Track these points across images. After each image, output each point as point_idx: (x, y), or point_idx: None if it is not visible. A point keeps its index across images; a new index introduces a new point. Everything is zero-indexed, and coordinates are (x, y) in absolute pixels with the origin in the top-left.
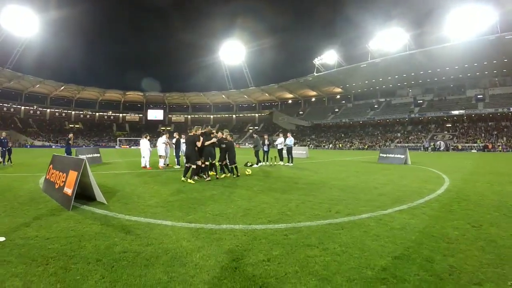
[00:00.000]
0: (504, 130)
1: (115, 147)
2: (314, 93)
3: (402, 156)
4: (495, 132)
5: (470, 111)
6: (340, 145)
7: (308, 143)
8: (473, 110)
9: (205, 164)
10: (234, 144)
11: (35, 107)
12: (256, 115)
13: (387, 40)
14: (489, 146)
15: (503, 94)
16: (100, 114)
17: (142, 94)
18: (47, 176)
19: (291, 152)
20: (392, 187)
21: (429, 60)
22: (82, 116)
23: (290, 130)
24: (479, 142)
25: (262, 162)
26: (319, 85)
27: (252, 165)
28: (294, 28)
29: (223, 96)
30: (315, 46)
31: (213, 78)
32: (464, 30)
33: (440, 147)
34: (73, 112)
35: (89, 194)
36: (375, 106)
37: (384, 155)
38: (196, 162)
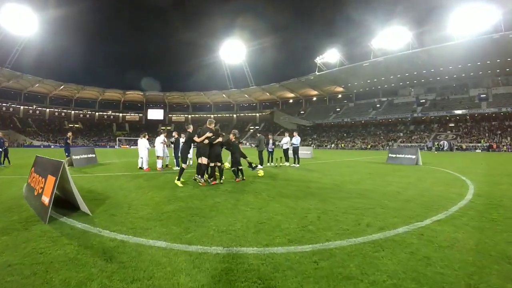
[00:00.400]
0: (508, 129)
1: (114, 147)
2: (315, 92)
3: (413, 156)
4: (499, 132)
5: (474, 110)
6: (342, 145)
7: (310, 142)
8: (476, 110)
9: (212, 165)
10: (238, 144)
11: (34, 107)
12: (257, 114)
13: (390, 39)
14: (493, 146)
15: (506, 94)
16: (100, 113)
17: (142, 94)
18: (29, 180)
19: (298, 152)
20: (415, 192)
21: (432, 59)
22: (81, 115)
23: (291, 130)
24: (483, 142)
25: (267, 163)
26: (321, 84)
27: (256, 166)
28: (296, 26)
29: (224, 95)
30: (316, 45)
31: (213, 78)
32: (467, 28)
33: (444, 147)
34: (72, 112)
35: (73, 202)
36: (377, 106)
37: (394, 155)
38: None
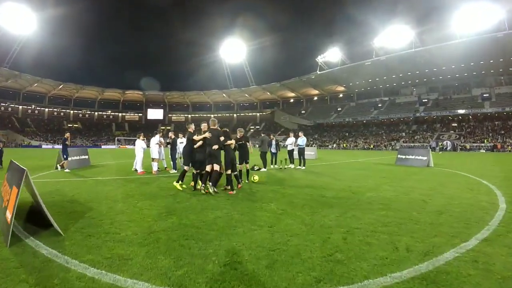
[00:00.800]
0: (511, 129)
1: (113, 146)
2: (316, 92)
3: (425, 157)
4: (502, 132)
5: (477, 110)
6: (344, 144)
7: (311, 142)
8: (479, 109)
9: (228, 173)
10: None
11: (33, 107)
12: (258, 114)
13: (392, 38)
14: (498, 146)
15: (509, 93)
16: (99, 113)
17: (142, 93)
18: (1, 189)
19: (304, 153)
20: (442, 200)
21: (434, 58)
22: (81, 115)
23: (293, 130)
24: (487, 142)
25: (270, 165)
26: (322, 83)
27: (260, 169)
28: (297, 25)
29: (224, 95)
30: (318, 43)
31: (213, 77)
32: (470, 27)
33: (447, 147)
34: (71, 112)
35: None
36: (379, 105)
37: (403, 156)
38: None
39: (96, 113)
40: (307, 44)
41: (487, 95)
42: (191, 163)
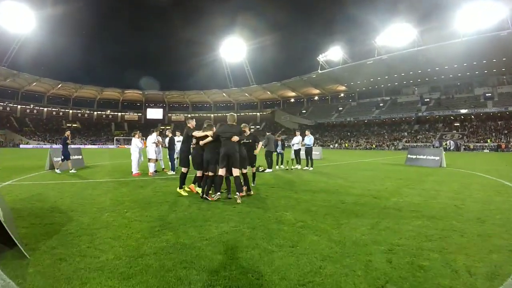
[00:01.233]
0: None
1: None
2: (317, 91)
3: (437, 157)
4: (506, 131)
5: (479, 109)
6: (346, 144)
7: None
8: (482, 109)
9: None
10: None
11: (31, 106)
12: (258, 114)
13: (395, 36)
14: (502, 146)
15: None
16: (98, 113)
17: (141, 93)
18: None
19: (311, 153)
20: (476, 206)
21: (436, 57)
22: (79, 115)
23: (299, 128)
24: (490, 141)
25: (275, 166)
26: (323, 83)
27: (264, 170)
28: (298, 23)
29: (224, 94)
30: (319, 42)
31: (213, 76)
32: (473, 26)
33: (450, 147)
34: (70, 111)
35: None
36: (381, 105)
37: (414, 156)
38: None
39: (95, 112)
40: (308, 43)
41: (490, 94)
42: (196, 165)
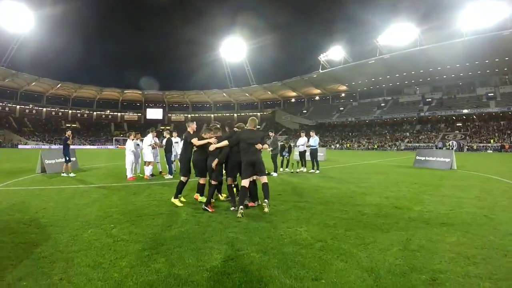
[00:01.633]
0: None
1: (112, 147)
2: (318, 91)
3: (447, 159)
4: (509, 131)
5: (482, 109)
6: (348, 145)
7: None
8: (485, 109)
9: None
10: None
11: (30, 106)
12: (258, 114)
13: (397, 36)
14: (505, 146)
15: None
16: (98, 113)
17: (141, 93)
18: None
19: (316, 155)
20: (506, 215)
21: (438, 57)
22: (79, 115)
23: (304, 129)
24: (493, 141)
25: (280, 169)
26: (324, 82)
27: (270, 173)
28: (298, 23)
29: (224, 94)
30: (320, 42)
31: (213, 76)
32: (476, 25)
33: (453, 147)
34: (70, 111)
35: None
36: (382, 105)
37: (423, 158)
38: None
39: (94, 113)
40: (309, 42)
41: (492, 94)
42: (199, 172)
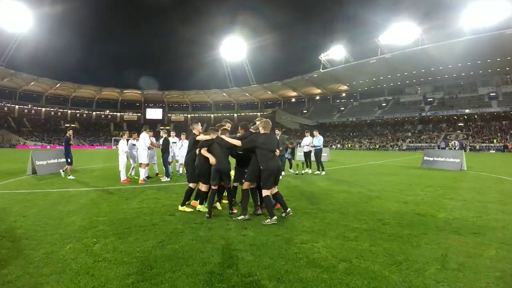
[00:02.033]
0: None
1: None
2: (318, 91)
3: (457, 160)
4: (511, 131)
5: (484, 109)
6: (349, 145)
7: None
8: (486, 109)
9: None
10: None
11: (29, 106)
12: (258, 114)
13: (398, 35)
14: (508, 146)
15: None
16: (97, 113)
17: (140, 93)
18: None
19: (320, 156)
20: None
21: (440, 56)
22: (78, 115)
23: (308, 129)
24: (496, 142)
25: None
26: (324, 82)
27: None
28: (299, 22)
29: (224, 94)
30: (321, 41)
31: (213, 76)
32: (477, 24)
33: (456, 147)
34: (69, 111)
35: None
36: (383, 105)
37: (431, 159)
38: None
39: (94, 113)
40: (310, 42)
41: (494, 94)
42: (203, 177)
